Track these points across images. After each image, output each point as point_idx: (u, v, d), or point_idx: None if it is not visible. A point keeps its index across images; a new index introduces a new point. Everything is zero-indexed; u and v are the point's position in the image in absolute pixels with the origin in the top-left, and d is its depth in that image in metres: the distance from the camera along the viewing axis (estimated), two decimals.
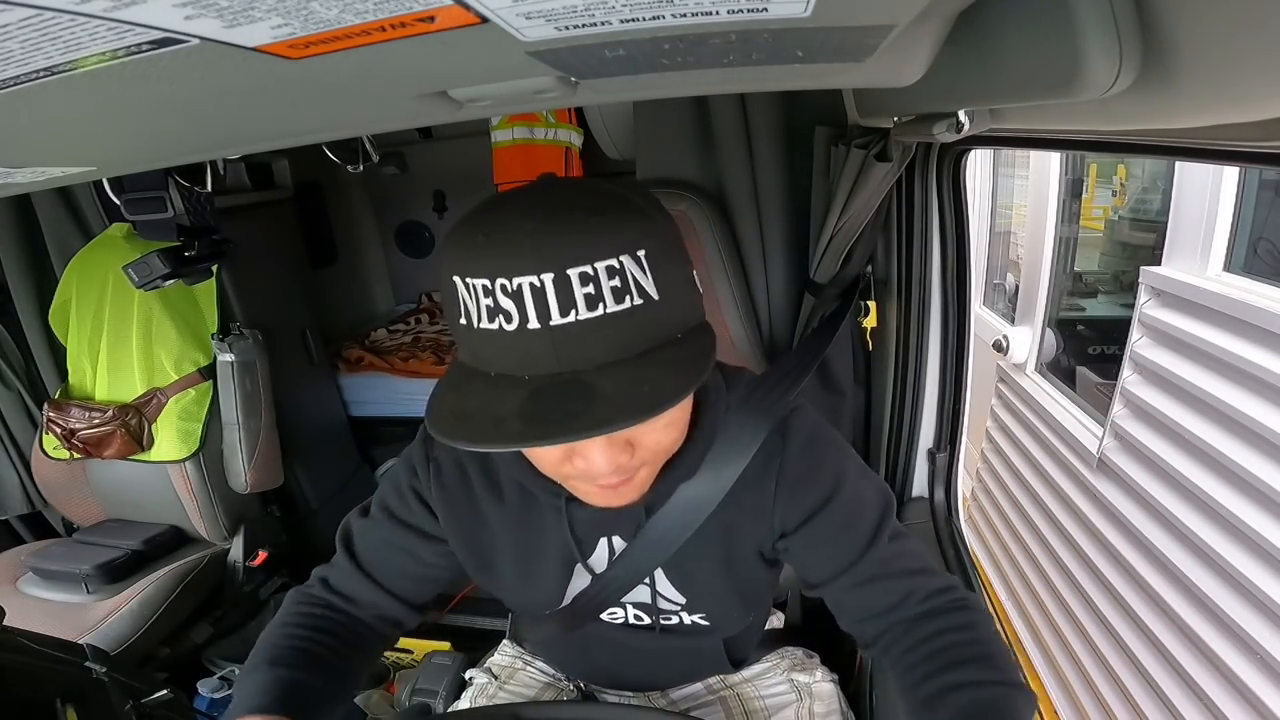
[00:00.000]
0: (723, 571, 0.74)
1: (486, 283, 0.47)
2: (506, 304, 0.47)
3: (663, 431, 0.59)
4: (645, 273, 0.48)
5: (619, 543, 0.73)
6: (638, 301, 0.48)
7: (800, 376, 0.86)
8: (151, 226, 1.36)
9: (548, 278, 0.46)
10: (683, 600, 0.76)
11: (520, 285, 0.46)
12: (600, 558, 0.74)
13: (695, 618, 0.78)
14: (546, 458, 0.58)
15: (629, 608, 0.79)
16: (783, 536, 0.72)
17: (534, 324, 0.46)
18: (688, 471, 0.68)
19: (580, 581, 0.76)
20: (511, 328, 0.47)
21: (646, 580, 0.75)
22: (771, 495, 0.70)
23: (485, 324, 0.48)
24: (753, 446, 0.69)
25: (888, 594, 0.70)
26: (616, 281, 0.47)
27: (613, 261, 0.47)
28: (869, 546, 0.69)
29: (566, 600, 0.77)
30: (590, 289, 0.46)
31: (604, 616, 0.80)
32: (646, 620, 0.79)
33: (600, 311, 0.47)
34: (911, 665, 0.66)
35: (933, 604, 0.69)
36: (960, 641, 0.65)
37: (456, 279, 0.49)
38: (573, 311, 0.46)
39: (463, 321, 0.50)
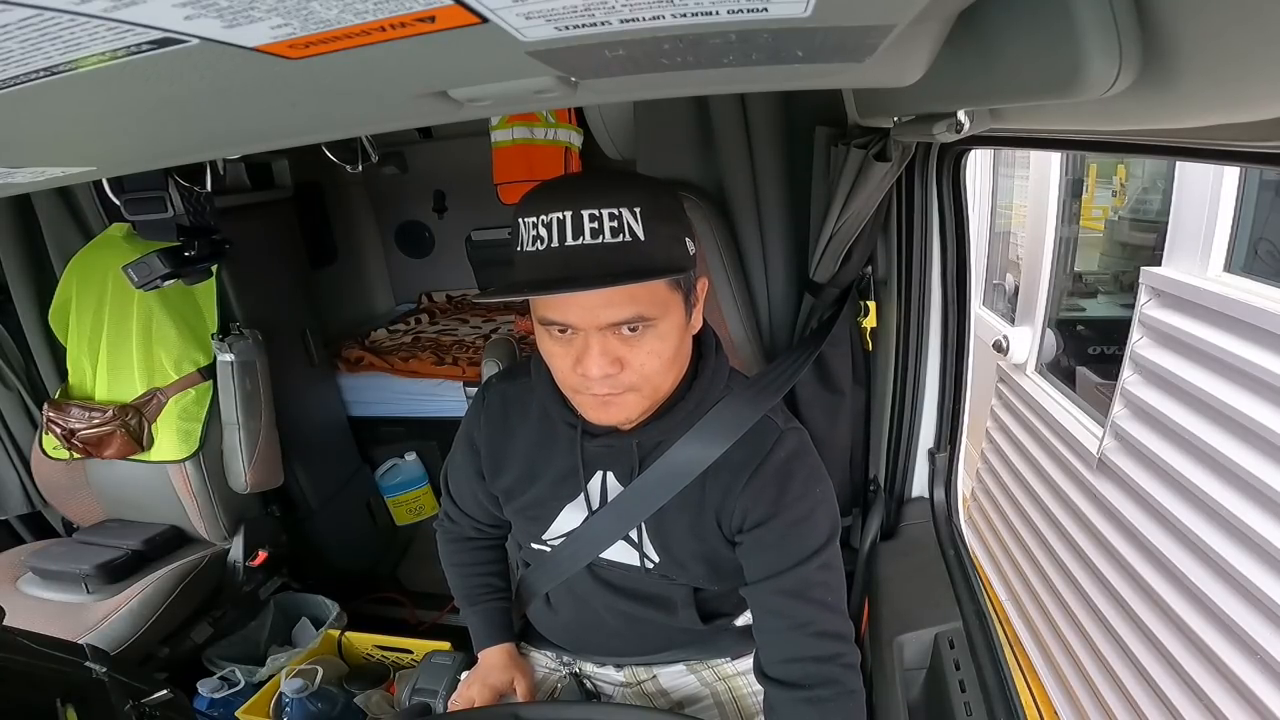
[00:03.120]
0: (695, 539, 0.86)
1: (534, 219, 0.68)
2: (541, 231, 0.67)
3: (647, 356, 0.72)
4: (637, 221, 0.66)
5: (613, 482, 0.87)
6: (627, 239, 0.66)
7: (792, 376, 0.97)
8: (151, 226, 1.36)
9: (567, 214, 0.66)
10: (658, 559, 0.89)
11: (550, 219, 0.66)
12: (595, 488, 0.88)
13: (670, 576, 0.90)
14: (561, 364, 0.74)
15: (615, 566, 0.91)
16: (740, 531, 0.84)
17: (554, 244, 0.66)
18: (677, 430, 0.82)
19: (573, 518, 0.89)
20: (541, 247, 0.67)
21: (634, 539, 0.88)
22: (742, 485, 0.82)
23: (528, 247, 0.68)
24: (739, 430, 0.82)
25: (794, 614, 0.81)
26: (614, 223, 0.66)
27: (613, 209, 0.66)
28: (801, 563, 0.81)
29: (556, 530, 0.91)
30: (595, 224, 0.66)
31: (591, 569, 0.92)
32: (629, 576, 0.91)
33: (599, 240, 0.66)
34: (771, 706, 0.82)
35: (822, 650, 0.80)
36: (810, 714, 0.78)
37: (520, 220, 0.69)
38: (580, 237, 0.66)
39: (517, 249, 0.70)
